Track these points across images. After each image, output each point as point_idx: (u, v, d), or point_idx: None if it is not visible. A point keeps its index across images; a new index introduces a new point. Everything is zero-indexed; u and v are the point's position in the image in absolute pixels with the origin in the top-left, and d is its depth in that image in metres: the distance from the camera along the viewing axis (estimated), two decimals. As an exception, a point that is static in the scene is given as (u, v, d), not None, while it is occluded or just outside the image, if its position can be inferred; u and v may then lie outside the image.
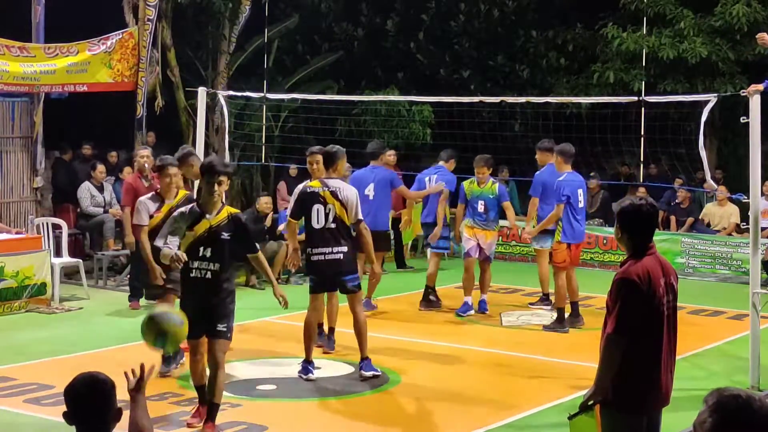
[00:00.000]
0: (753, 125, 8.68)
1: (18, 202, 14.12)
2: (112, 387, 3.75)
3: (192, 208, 7.32)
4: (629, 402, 4.78)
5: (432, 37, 20.51)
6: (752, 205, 8.88)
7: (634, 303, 4.72)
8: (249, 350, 9.84)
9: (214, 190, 7.23)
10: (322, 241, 8.74)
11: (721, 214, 15.85)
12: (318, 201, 8.76)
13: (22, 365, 8.99)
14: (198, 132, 12.48)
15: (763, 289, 9.05)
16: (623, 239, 4.94)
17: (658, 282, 4.79)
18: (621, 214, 4.95)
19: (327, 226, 8.74)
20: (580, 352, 9.71)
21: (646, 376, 4.79)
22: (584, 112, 16.40)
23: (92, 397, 3.69)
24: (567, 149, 11.03)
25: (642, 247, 4.88)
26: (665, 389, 4.87)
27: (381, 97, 16.75)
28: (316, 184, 8.91)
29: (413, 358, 9.57)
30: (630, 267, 4.79)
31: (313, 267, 8.87)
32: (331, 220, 8.74)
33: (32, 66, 13.33)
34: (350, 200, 8.81)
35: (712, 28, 17.15)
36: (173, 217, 7.34)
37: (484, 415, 7.80)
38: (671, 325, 4.91)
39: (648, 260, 4.83)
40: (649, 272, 4.77)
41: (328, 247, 8.74)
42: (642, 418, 4.84)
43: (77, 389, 3.72)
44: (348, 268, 8.85)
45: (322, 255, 8.76)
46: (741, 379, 8.64)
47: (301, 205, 8.86)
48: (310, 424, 7.54)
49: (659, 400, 4.88)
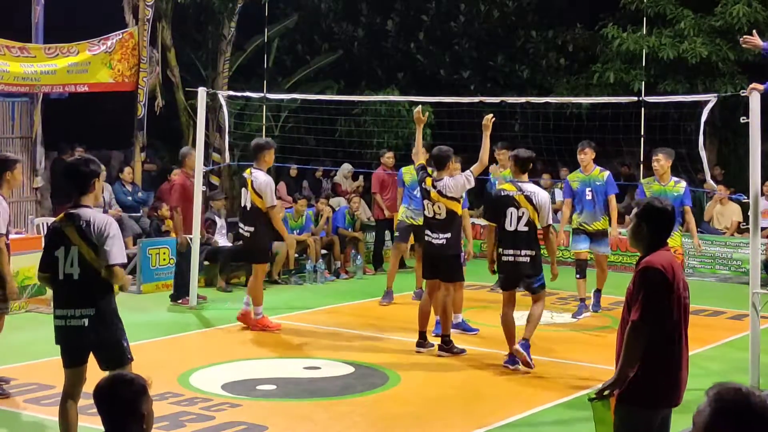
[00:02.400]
0: (753, 125, 8.68)
1: (18, 202, 14.12)
2: (141, 389, 3.66)
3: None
4: (648, 396, 4.77)
5: (432, 37, 20.52)
6: (752, 205, 8.87)
7: (659, 291, 4.75)
8: (249, 350, 9.85)
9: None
10: (513, 243, 9.06)
11: (723, 213, 15.85)
12: (512, 204, 9.05)
13: (22, 365, 8.98)
14: (198, 132, 12.48)
15: (763, 289, 9.04)
16: (643, 234, 4.96)
17: (680, 275, 4.87)
18: (649, 210, 4.98)
19: (519, 229, 9.04)
20: (580, 352, 9.71)
21: (669, 368, 4.80)
22: (584, 112, 16.41)
23: (113, 397, 3.63)
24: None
25: (660, 244, 4.94)
26: (682, 386, 4.89)
27: (381, 98, 16.75)
28: (510, 188, 9.18)
29: (413, 358, 9.56)
30: (653, 258, 4.83)
31: (502, 267, 9.22)
32: (523, 224, 9.04)
33: (33, 66, 13.34)
34: (543, 205, 9.14)
35: (712, 28, 17.15)
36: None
37: (484, 415, 7.80)
38: (686, 322, 4.95)
39: (665, 253, 4.90)
40: (673, 265, 4.84)
41: (518, 250, 9.07)
42: (658, 414, 4.85)
43: (100, 386, 3.67)
44: (534, 272, 9.18)
45: (512, 257, 9.09)
46: (741, 379, 8.62)
47: (495, 207, 9.13)
48: (310, 424, 7.54)
49: (675, 397, 4.88)
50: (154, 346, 10.05)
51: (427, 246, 9.76)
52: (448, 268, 9.66)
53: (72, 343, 6.20)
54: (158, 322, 11.30)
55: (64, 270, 6.09)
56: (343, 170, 17.91)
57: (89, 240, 6.00)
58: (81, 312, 6.06)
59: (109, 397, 3.65)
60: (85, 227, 6.02)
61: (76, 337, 6.14)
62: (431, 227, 9.62)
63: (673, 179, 10.89)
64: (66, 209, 6.25)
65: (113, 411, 3.63)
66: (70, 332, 6.14)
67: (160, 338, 10.47)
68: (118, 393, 3.65)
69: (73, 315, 6.07)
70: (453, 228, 9.59)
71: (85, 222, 6.04)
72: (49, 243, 6.25)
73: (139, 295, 12.86)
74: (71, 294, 6.10)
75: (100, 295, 6.10)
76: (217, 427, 7.27)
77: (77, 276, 6.06)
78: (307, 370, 9.08)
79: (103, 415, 3.66)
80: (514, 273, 9.16)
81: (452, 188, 9.52)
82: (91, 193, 6.18)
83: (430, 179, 9.61)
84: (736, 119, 9.73)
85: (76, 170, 6.21)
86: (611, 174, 11.95)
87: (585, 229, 11.61)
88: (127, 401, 3.63)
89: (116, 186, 14.63)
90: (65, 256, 6.07)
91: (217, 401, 7.92)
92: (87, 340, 6.14)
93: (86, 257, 6.02)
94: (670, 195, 10.56)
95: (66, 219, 6.13)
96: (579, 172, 11.76)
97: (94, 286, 6.08)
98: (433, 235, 9.59)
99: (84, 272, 6.05)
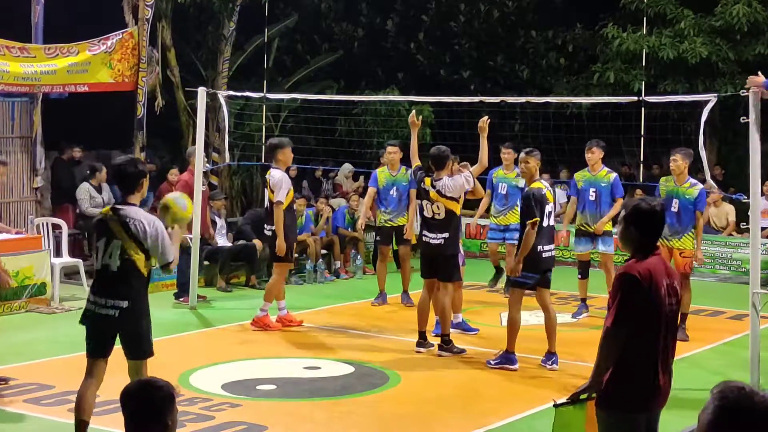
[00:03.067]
0: (753, 125, 8.67)
1: (18, 202, 14.11)
2: (170, 397, 3.56)
3: None
4: (627, 400, 4.77)
5: (432, 37, 20.52)
6: (752, 205, 8.87)
7: (633, 298, 4.72)
8: (249, 350, 9.84)
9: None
10: (550, 238, 9.21)
11: (717, 214, 15.86)
12: (548, 201, 9.19)
13: (22, 365, 8.98)
14: (198, 132, 12.48)
15: (763, 289, 9.04)
16: (631, 236, 4.92)
17: (661, 282, 4.79)
18: (636, 212, 4.91)
19: (551, 224, 9.24)
20: (580, 352, 9.71)
21: (644, 375, 4.78)
22: (584, 112, 16.41)
23: (144, 400, 3.54)
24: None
25: (649, 246, 4.89)
26: (663, 389, 4.86)
27: (381, 97, 16.75)
28: (542, 186, 9.23)
29: (413, 358, 9.56)
30: (632, 264, 4.81)
31: (545, 263, 9.18)
32: (552, 219, 9.30)
33: (33, 66, 13.33)
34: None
35: (712, 28, 17.15)
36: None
37: (484, 415, 7.80)
38: (671, 327, 4.91)
39: (652, 260, 4.84)
40: (652, 271, 4.77)
41: (552, 244, 9.28)
42: (640, 417, 4.84)
43: (128, 391, 3.59)
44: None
45: (551, 251, 9.23)
46: (741, 379, 8.63)
47: (540, 207, 9.13)
48: (310, 424, 7.54)
49: (657, 400, 4.87)
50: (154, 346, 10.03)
51: (424, 246, 9.77)
52: (446, 268, 9.67)
53: (97, 329, 6.45)
54: (158, 322, 11.18)
55: (102, 260, 6.40)
56: (344, 170, 17.90)
57: (135, 237, 6.28)
58: (113, 303, 6.32)
59: (138, 400, 3.56)
60: (132, 224, 6.29)
61: (103, 325, 6.39)
62: (429, 227, 9.62)
63: (690, 180, 10.62)
64: (113, 204, 6.67)
65: (139, 415, 3.53)
66: (98, 319, 6.38)
67: (160, 338, 10.39)
68: (147, 397, 3.55)
69: (104, 304, 6.34)
70: (451, 228, 9.61)
71: (132, 219, 6.31)
72: (93, 233, 6.67)
73: (139, 295, 12.87)
74: (107, 284, 6.38)
75: (135, 289, 6.35)
76: (217, 427, 7.27)
77: (115, 268, 6.33)
78: (307, 370, 9.09)
79: (127, 418, 3.56)
80: (552, 266, 9.32)
81: (451, 188, 9.53)
82: (138, 192, 6.48)
83: (429, 179, 9.62)
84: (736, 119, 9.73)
85: (124, 171, 6.50)
86: (619, 176, 11.82)
87: (587, 229, 11.56)
88: (155, 407, 3.53)
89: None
90: (105, 247, 6.37)
91: (217, 401, 7.92)
92: (113, 330, 6.40)
93: (129, 252, 6.30)
94: (682, 196, 10.49)
95: (112, 214, 6.40)
96: (586, 171, 11.67)
97: (131, 280, 6.33)
98: (431, 234, 9.60)
99: (123, 266, 6.31)
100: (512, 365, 9.13)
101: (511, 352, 9.16)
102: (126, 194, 6.48)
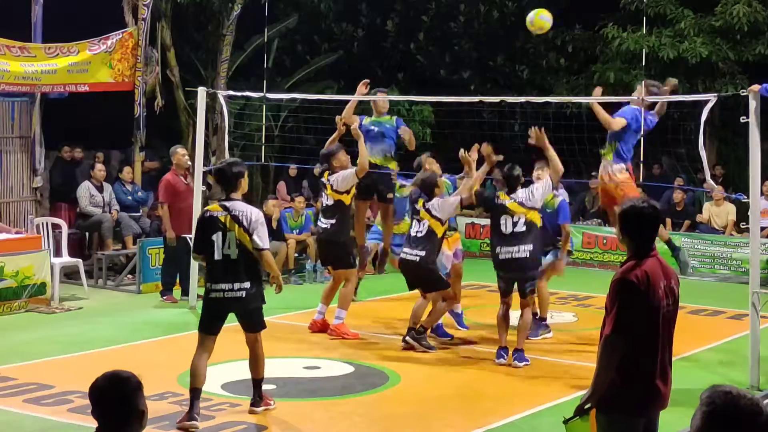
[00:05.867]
0: (752, 125, 8.68)
1: (17, 202, 14.11)
2: (137, 386, 3.66)
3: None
4: (627, 404, 4.74)
5: (432, 37, 20.51)
6: (752, 204, 8.88)
7: (632, 304, 4.66)
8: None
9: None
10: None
11: (718, 213, 15.87)
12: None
13: (22, 365, 8.98)
14: (198, 132, 12.49)
15: (763, 288, 9.05)
16: (626, 239, 4.89)
17: (658, 285, 4.73)
18: (623, 216, 4.87)
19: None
20: (580, 352, 9.72)
21: (643, 378, 4.75)
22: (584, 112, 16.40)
23: (112, 395, 3.62)
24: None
25: (644, 249, 4.82)
26: (663, 392, 4.83)
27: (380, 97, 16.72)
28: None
29: (413, 358, 9.56)
30: (628, 268, 4.74)
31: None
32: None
33: (33, 66, 13.33)
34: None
35: (712, 28, 17.15)
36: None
37: (484, 414, 7.80)
38: (669, 329, 4.87)
39: (649, 263, 4.77)
40: (649, 275, 4.71)
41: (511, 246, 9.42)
42: (639, 420, 4.81)
43: (98, 385, 3.65)
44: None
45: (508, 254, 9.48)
46: (740, 378, 8.65)
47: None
48: (310, 424, 7.54)
49: (657, 403, 4.84)
50: (154, 346, 10.06)
51: (402, 263, 9.90)
52: (427, 281, 9.77)
53: (222, 311, 7.47)
54: (157, 322, 11.30)
55: (222, 251, 7.37)
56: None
57: (243, 226, 7.32)
58: (240, 286, 7.37)
59: (107, 393, 3.63)
60: (239, 216, 7.34)
61: (230, 306, 7.44)
62: (410, 243, 9.75)
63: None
64: (220, 201, 7.59)
65: (110, 408, 3.61)
66: (227, 302, 7.41)
67: (159, 338, 10.48)
68: (116, 389, 3.63)
69: (231, 288, 7.35)
70: (429, 244, 9.66)
71: (239, 212, 7.37)
72: (204, 229, 7.47)
73: (138, 294, 12.87)
74: (230, 271, 7.37)
75: (254, 271, 7.45)
76: (216, 427, 7.27)
77: (235, 256, 7.35)
78: (307, 369, 9.09)
79: (98, 413, 3.63)
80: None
81: (438, 209, 9.66)
82: (239, 189, 7.51)
83: (422, 200, 9.72)
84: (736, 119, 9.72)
85: (225, 173, 7.57)
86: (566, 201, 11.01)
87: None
88: (126, 398, 3.62)
89: (116, 186, 14.63)
90: (222, 240, 7.36)
91: (216, 401, 7.92)
92: (239, 310, 7.47)
93: (242, 240, 7.34)
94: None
95: (221, 209, 7.44)
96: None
97: (249, 264, 7.39)
98: (410, 251, 9.69)
99: (241, 253, 7.36)
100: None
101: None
102: (229, 191, 7.50)
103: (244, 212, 7.37)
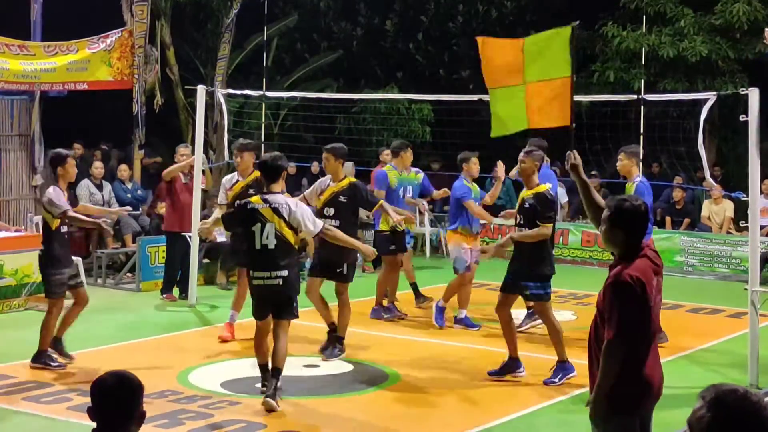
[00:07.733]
0: (752, 123, 8.68)
1: (17, 200, 14.12)
2: (139, 388, 3.67)
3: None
4: (625, 403, 4.71)
5: (431, 37, 20.52)
6: (751, 203, 8.88)
7: (632, 307, 4.60)
8: (249, 349, 9.83)
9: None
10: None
11: (717, 211, 15.87)
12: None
13: (22, 363, 8.98)
14: (197, 130, 12.48)
15: (762, 287, 9.05)
16: (617, 238, 4.76)
17: (651, 284, 4.68)
18: (620, 213, 4.75)
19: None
20: (579, 351, 9.69)
21: (642, 377, 4.72)
22: (584, 110, 16.41)
23: (118, 394, 3.62)
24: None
25: (636, 247, 4.75)
26: (658, 387, 4.83)
27: (380, 96, 16.76)
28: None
29: (413, 357, 9.56)
30: (623, 270, 4.65)
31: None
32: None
33: (32, 64, 13.33)
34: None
35: (712, 27, 17.16)
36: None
37: (483, 413, 7.80)
38: (658, 324, 4.89)
39: (640, 262, 4.69)
40: (642, 274, 4.65)
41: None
42: (636, 419, 4.80)
43: (104, 383, 3.65)
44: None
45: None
46: (740, 377, 8.65)
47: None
48: (310, 423, 7.54)
49: (651, 399, 4.84)
50: (154, 344, 10.06)
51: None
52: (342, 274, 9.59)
53: (265, 297, 7.82)
54: (157, 320, 11.30)
55: (261, 241, 7.71)
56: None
57: (283, 217, 7.68)
58: (277, 274, 7.72)
59: (114, 392, 3.62)
60: (280, 208, 7.71)
61: (272, 293, 7.76)
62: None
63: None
64: (261, 195, 7.93)
65: (114, 407, 3.61)
66: (268, 289, 7.77)
67: (159, 336, 10.47)
68: (123, 388, 3.63)
69: (269, 276, 7.72)
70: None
71: (279, 204, 7.73)
72: (244, 218, 7.82)
73: (138, 293, 12.87)
74: (269, 260, 7.71)
75: (290, 261, 7.82)
76: (216, 425, 7.27)
77: (273, 246, 7.70)
78: (307, 368, 9.08)
79: (100, 411, 3.62)
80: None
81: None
82: (279, 181, 7.90)
83: None
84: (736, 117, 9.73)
85: (269, 165, 7.96)
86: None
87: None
88: (131, 398, 3.62)
89: (116, 184, 14.62)
90: (261, 230, 7.70)
91: (216, 399, 7.92)
92: (279, 295, 7.77)
93: (282, 231, 7.70)
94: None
95: (262, 202, 7.78)
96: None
97: (286, 253, 7.76)
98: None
99: (279, 243, 7.70)
100: (570, 373, 8.65)
101: (562, 360, 8.71)
102: (270, 183, 7.88)
103: (282, 204, 7.73)
